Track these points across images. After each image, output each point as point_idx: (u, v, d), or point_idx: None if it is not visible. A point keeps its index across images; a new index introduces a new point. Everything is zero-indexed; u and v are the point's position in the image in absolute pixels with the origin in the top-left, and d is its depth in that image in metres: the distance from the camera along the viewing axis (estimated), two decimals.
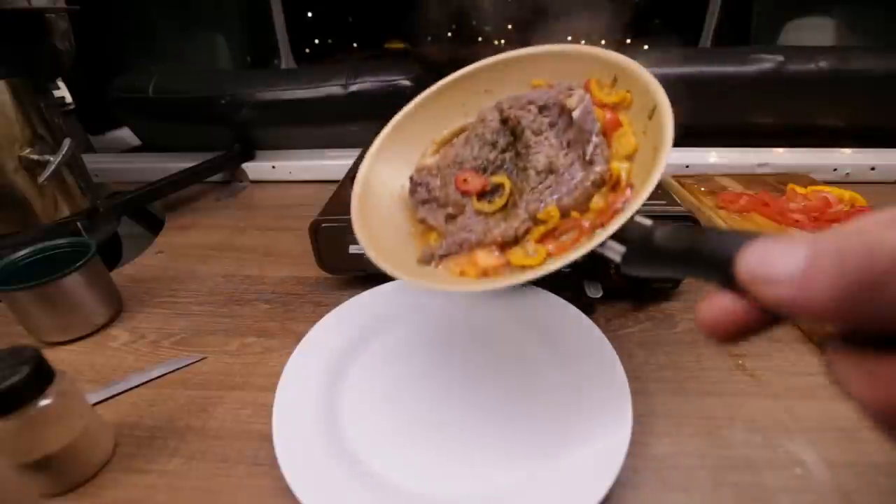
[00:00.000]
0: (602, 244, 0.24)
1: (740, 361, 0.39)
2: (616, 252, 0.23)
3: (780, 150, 0.77)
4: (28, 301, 0.42)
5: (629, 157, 0.29)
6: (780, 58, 0.72)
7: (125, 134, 1.07)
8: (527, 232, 0.29)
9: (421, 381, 0.37)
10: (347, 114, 0.83)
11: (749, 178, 0.69)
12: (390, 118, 0.43)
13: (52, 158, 0.52)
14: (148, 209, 0.80)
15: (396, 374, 0.38)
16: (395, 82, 0.80)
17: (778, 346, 0.41)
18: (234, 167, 0.84)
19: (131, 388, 0.39)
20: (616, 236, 0.23)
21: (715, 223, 0.57)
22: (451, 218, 0.32)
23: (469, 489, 0.29)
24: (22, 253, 0.45)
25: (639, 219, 0.23)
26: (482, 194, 0.32)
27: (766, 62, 0.72)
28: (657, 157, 0.25)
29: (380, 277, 0.48)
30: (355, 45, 1.44)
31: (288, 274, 0.54)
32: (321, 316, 0.42)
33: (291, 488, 0.28)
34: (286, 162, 0.84)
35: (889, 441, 0.14)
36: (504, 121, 0.33)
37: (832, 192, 0.58)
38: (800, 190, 0.60)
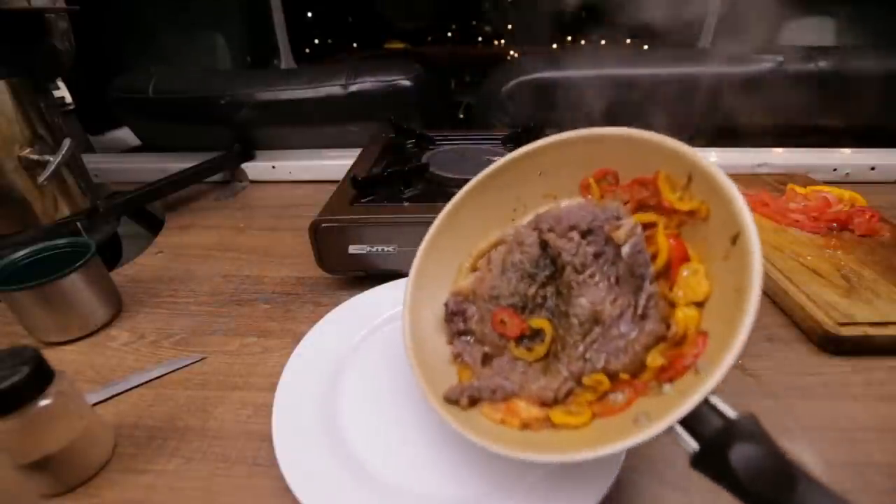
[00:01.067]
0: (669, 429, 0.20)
1: (740, 361, 0.39)
2: (687, 444, 0.20)
3: (780, 150, 0.77)
4: (28, 301, 0.42)
5: (700, 303, 0.24)
6: (780, 58, 0.72)
7: (125, 134, 1.07)
8: (569, 394, 0.26)
9: None
10: (347, 114, 0.83)
11: (749, 178, 0.69)
12: (390, 118, 0.41)
13: (51, 158, 0.52)
14: (148, 209, 0.79)
15: (396, 374, 0.38)
16: (395, 82, 0.80)
17: (778, 346, 0.41)
18: (234, 167, 0.84)
19: (131, 388, 0.39)
20: (687, 423, 0.20)
21: None
22: (487, 358, 0.30)
23: (469, 489, 0.29)
24: (22, 253, 0.45)
25: (717, 402, 0.20)
26: (521, 337, 0.29)
27: (766, 62, 0.72)
28: (742, 301, 0.21)
29: (380, 277, 0.48)
30: (355, 45, 1.44)
31: (288, 274, 0.54)
32: (321, 316, 0.42)
33: (291, 488, 0.28)
34: (286, 162, 0.84)
35: None
36: (543, 246, 0.30)
37: (832, 192, 0.58)
38: (799, 190, 0.60)
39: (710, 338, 0.23)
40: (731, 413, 0.20)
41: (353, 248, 0.47)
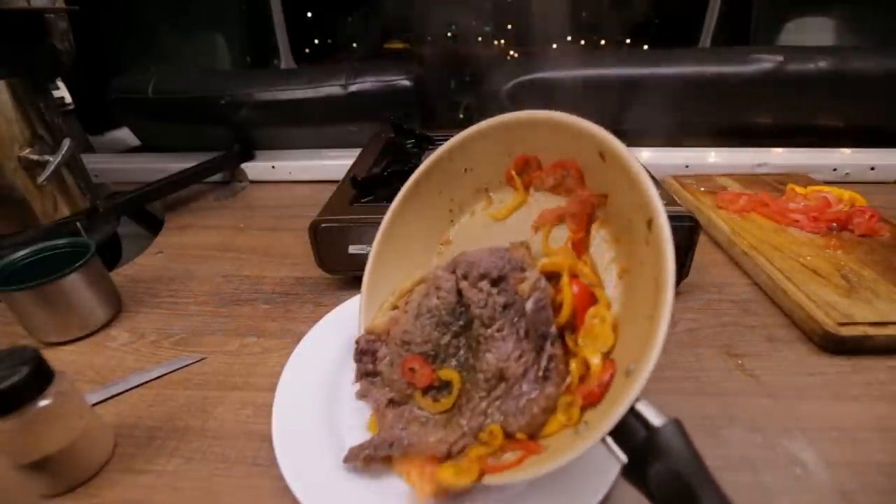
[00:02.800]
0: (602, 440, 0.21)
1: (740, 361, 0.39)
2: (617, 456, 0.20)
3: (780, 149, 0.77)
4: (28, 301, 0.42)
5: (607, 352, 0.25)
6: (780, 58, 0.72)
7: (125, 134, 1.07)
8: (463, 449, 0.26)
9: None
10: (347, 114, 0.83)
11: (748, 178, 0.69)
12: (390, 118, 0.42)
13: (51, 158, 0.52)
14: (148, 209, 0.79)
15: None
16: (395, 82, 0.80)
17: (778, 346, 0.41)
18: (233, 167, 0.84)
19: (131, 389, 0.39)
20: (616, 434, 0.20)
21: (715, 223, 0.57)
22: (392, 404, 0.30)
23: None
24: (22, 253, 0.45)
25: (643, 409, 0.20)
26: (429, 387, 0.29)
27: (766, 62, 0.72)
28: (659, 295, 0.21)
29: None
30: (355, 45, 1.44)
31: (288, 274, 0.54)
32: (321, 316, 0.42)
33: (291, 488, 0.28)
34: (286, 162, 0.84)
35: None
36: (460, 293, 0.30)
37: (832, 192, 0.58)
38: (799, 190, 0.60)
39: (634, 336, 0.23)
40: (656, 420, 0.20)
41: (353, 248, 0.47)
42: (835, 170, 0.73)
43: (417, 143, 0.70)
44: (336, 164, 0.81)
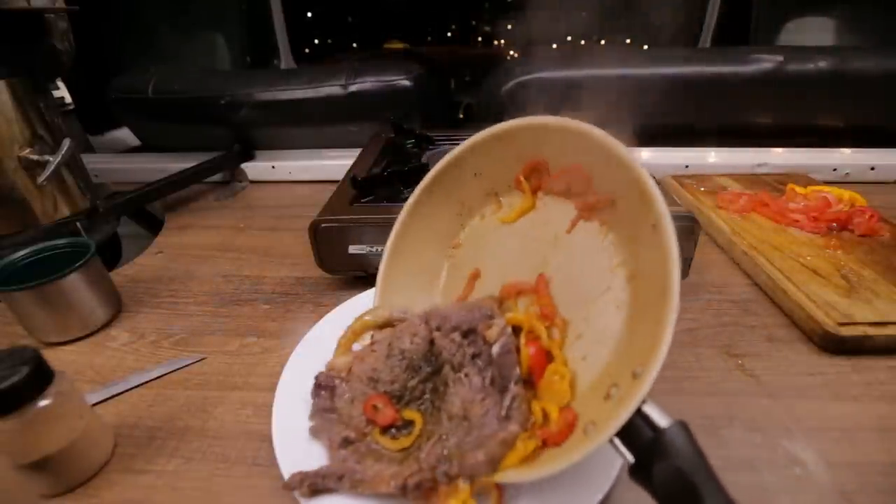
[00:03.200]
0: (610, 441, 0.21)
1: (740, 361, 0.39)
2: (625, 456, 0.21)
3: (780, 149, 0.77)
4: (28, 301, 0.42)
5: (562, 405, 0.26)
6: (780, 58, 0.72)
7: (125, 134, 1.07)
8: (418, 486, 0.26)
9: None
10: (347, 114, 0.83)
11: (748, 178, 0.69)
12: (390, 118, 0.42)
13: (51, 158, 0.52)
14: (148, 209, 0.79)
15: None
16: (395, 82, 0.80)
17: (778, 346, 0.41)
18: (233, 167, 0.84)
19: (131, 389, 0.39)
20: (623, 434, 0.21)
21: (715, 223, 0.57)
22: (347, 442, 0.30)
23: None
24: (22, 253, 0.45)
25: (651, 410, 0.21)
26: (389, 426, 0.30)
27: (766, 62, 0.72)
28: (665, 298, 0.22)
29: None
30: (355, 45, 1.44)
31: (288, 274, 0.54)
32: (321, 316, 0.42)
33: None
34: (286, 162, 0.84)
35: None
36: (431, 342, 0.31)
37: (832, 192, 0.58)
38: (799, 190, 0.60)
39: (642, 339, 0.23)
40: (662, 422, 0.20)
41: (353, 248, 0.47)
42: (835, 170, 0.73)
43: (417, 143, 0.70)
44: (336, 164, 0.81)
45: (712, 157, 0.77)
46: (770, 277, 0.46)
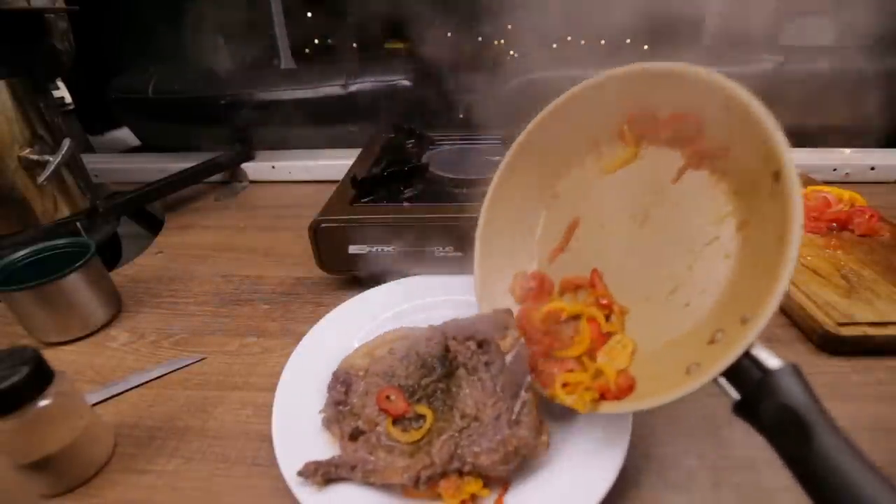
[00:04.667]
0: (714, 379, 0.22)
1: None
2: (729, 393, 0.22)
3: None
4: (28, 301, 0.42)
5: (624, 367, 0.29)
6: (780, 58, 0.72)
7: (125, 134, 1.07)
8: (430, 479, 0.27)
9: None
10: (347, 114, 0.83)
11: None
12: (389, 118, 0.43)
13: (51, 158, 0.52)
14: (148, 209, 0.79)
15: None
16: (395, 82, 0.80)
17: (778, 346, 0.41)
18: (234, 167, 0.84)
19: (131, 388, 0.39)
20: (729, 374, 0.21)
21: None
22: (358, 433, 0.31)
23: None
24: (22, 253, 0.45)
25: (759, 353, 0.21)
26: (400, 419, 0.30)
27: (766, 62, 0.72)
28: (783, 247, 0.21)
29: (380, 277, 0.48)
30: (355, 45, 1.44)
31: (288, 274, 0.54)
32: (321, 316, 0.42)
33: (291, 488, 0.28)
34: (286, 162, 0.84)
35: None
36: (446, 350, 0.33)
37: (832, 192, 0.58)
38: None
39: (750, 289, 0.23)
40: (772, 363, 0.21)
41: (353, 248, 0.47)
42: (835, 170, 0.73)
43: (417, 143, 0.70)
44: (336, 164, 0.81)
45: None
46: None
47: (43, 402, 0.28)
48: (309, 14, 1.36)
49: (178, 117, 0.87)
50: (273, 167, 0.84)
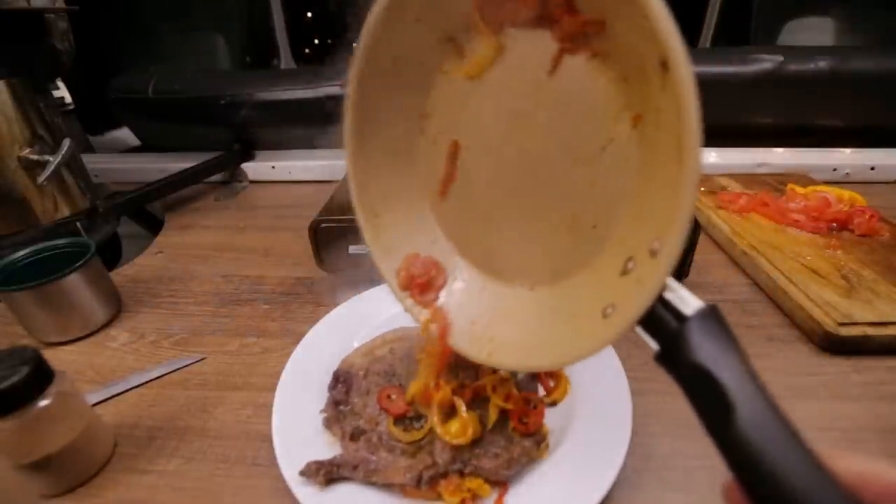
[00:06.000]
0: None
1: None
2: (649, 343, 0.19)
3: (780, 149, 0.77)
4: (28, 301, 0.42)
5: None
6: (780, 58, 0.72)
7: (125, 134, 1.07)
8: (432, 480, 0.27)
9: None
10: None
11: (749, 178, 0.69)
12: None
13: (51, 158, 0.52)
14: (148, 209, 0.79)
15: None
16: None
17: (778, 345, 0.41)
18: (234, 167, 0.84)
19: (131, 388, 0.39)
20: (646, 324, 0.18)
21: (715, 223, 0.57)
22: (359, 433, 0.31)
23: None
24: (22, 253, 0.45)
25: (672, 297, 0.18)
26: (401, 418, 0.30)
27: (766, 62, 0.72)
28: (683, 157, 0.18)
29: (379, 278, 0.48)
30: (355, 44, 1.44)
31: (288, 274, 0.54)
32: (321, 316, 0.42)
33: (291, 488, 0.28)
34: (286, 162, 0.84)
35: None
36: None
37: (832, 192, 0.58)
38: (799, 190, 0.60)
39: (656, 207, 0.20)
40: (686, 309, 0.17)
41: (353, 249, 0.47)
42: (835, 170, 0.73)
43: None
44: (336, 164, 0.81)
45: (712, 157, 0.77)
46: (770, 277, 0.46)
47: (43, 402, 0.28)
48: (309, 14, 1.35)
49: (178, 117, 0.87)
50: (273, 167, 0.84)
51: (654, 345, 0.18)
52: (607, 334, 0.20)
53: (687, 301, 0.18)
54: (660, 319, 0.18)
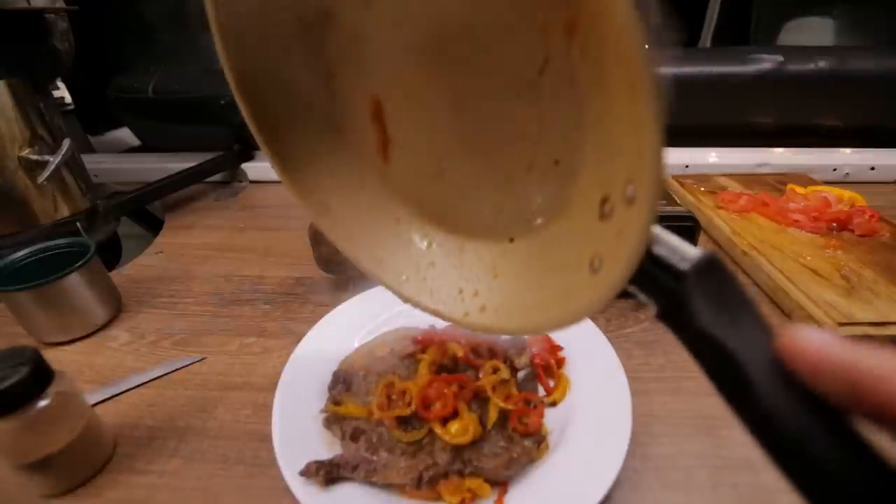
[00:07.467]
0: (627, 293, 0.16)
1: None
2: (647, 303, 0.16)
3: (780, 149, 0.77)
4: (28, 301, 0.42)
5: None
6: (780, 58, 0.72)
7: (125, 134, 1.07)
8: (433, 480, 0.27)
9: None
10: None
11: (749, 178, 0.69)
12: None
13: (51, 158, 0.52)
14: (148, 209, 0.79)
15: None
16: None
17: None
18: (233, 167, 0.84)
19: (131, 389, 0.39)
20: (640, 283, 0.16)
21: (715, 223, 0.57)
22: (359, 433, 0.31)
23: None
24: (22, 253, 0.45)
25: (663, 250, 0.15)
26: (401, 419, 0.30)
27: (766, 62, 0.72)
28: (633, 88, 0.13)
29: None
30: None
31: (288, 274, 0.54)
32: (321, 316, 0.42)
33: (291, 488, 0.28)
34: None
35: None
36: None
37: (832, 192, 0.58)
38: (799, 190, 0.60)
39: (617, 148, 0.16)
40: (682, 264, 0.15)
41: None
42: (835, 170, 0.73)
43: None
44: None
45: (712, 157, 0.77)
46: (770, 277, 0.46)
47: (43, 402, 0.28)
48: None
49: (178, 117, 0.87)
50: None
51: (652, 304, 0.16)
52: (600, 293, 0.17)
53: (681, 252, 0.15)
54: (654, 277, 0.15)
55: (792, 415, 0.13)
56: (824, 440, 0.13)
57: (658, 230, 0.15)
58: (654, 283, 0.16)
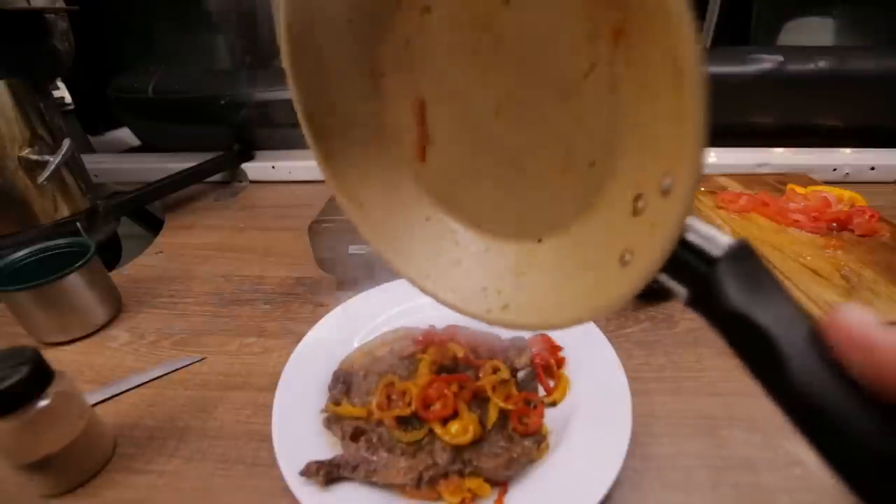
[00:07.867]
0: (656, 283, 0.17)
1: None
2: (677, 290, 0.17)
3: (780, 150, 0.77)
4: (28, 301, 0.42)
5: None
6: (780, 58, 0.72)
7: (125, 134, 1.07)
8: (433, 480, 0.27)
9: None
10: None
11: (748, 178, 0.69)
12: None
13: (51, 158, 0.52)
14: (148, 209, 0.79)
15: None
16: None
17: None
18: (234, 167, 0.84)
19: (131, 389, 0.39)
20: (670, 271, 0.16)
21: (714, 223, 0.57)
22: (359, 433, 0.31)
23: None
24: (22, 253, 0.45)
25: (696, 238, 0.16)
26: (401, 419, 0.30)
27: (766, 62, 0.72)
28: (679, 87, 0.15)
29: (380, 278, 0.48)
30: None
31: (288, 274, 0.54)
32: (321, 316, 0.42)
33: (291, 488, 0.28)
34: (286, 162, 0.84)
35: None
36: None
37: (832, 192, 0.58)
38: (799, 190, 0.60)
39: (659, 129, 0.17)
40: (715, 250, 0.16)
41: (353, 248, 0.47)
42: (835, 170, 0.73)
43: None
44: None
45: (712, 157, 0.77)
46: None
47: (43, 402, 0.28)
48: None
49: (178, 117, 0.87)
50: (273, 167, 0.84)
51: (682, 291, 0.16)
52: (629, 284, 0.17)
53: (714, 239, 0.16)
54: (685, 264, 0.16)
55: (827, 390, 0.13)
56: (856, 413, 0.13)
57: (689, 219, 0.16)
58: (685, 269, 0.16)
